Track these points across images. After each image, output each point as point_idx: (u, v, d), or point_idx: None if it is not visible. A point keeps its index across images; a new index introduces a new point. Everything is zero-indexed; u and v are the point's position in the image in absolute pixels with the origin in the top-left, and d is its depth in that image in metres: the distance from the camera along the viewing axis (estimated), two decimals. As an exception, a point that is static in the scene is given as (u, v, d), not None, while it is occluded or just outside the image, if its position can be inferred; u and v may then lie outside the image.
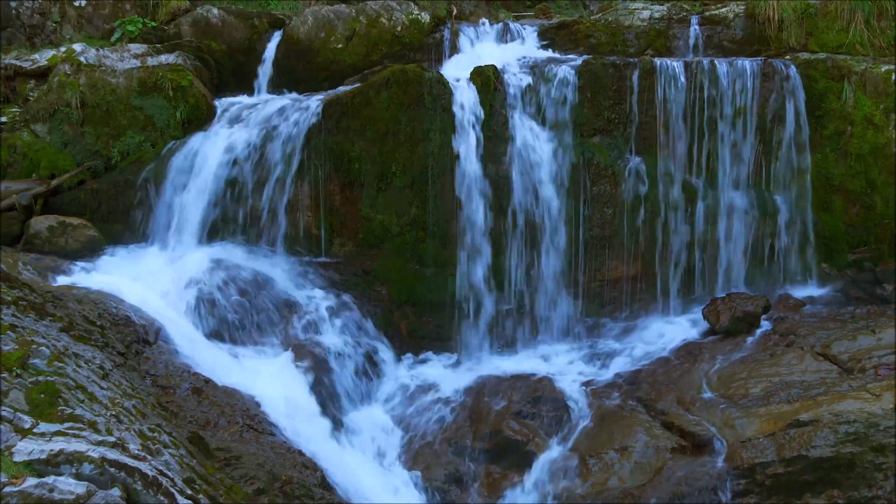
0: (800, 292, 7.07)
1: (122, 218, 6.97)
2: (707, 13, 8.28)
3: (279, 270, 6.73)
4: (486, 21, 8.72)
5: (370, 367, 6.46)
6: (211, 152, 6.88)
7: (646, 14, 8.31)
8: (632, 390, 6.17)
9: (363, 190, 6.96)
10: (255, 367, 5.83)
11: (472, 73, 7.14)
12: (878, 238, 7.22)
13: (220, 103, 7.65)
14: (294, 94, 7.70)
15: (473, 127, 6.93)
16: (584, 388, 6.23)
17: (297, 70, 8.26)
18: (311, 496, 4.63)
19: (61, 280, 5.98)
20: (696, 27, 8.15)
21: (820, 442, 5.22)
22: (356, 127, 6.92)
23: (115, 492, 3.16)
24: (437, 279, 6.92)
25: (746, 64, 7.20)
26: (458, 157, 6.88)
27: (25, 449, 3.16)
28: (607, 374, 6.46)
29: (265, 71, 8.32)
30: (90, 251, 6.64)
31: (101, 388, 4.00)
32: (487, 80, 7.08)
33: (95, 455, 3.23)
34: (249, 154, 6.86)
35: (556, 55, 8.02)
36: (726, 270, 7.20)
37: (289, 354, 6.05)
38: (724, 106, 7.13)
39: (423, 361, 6.76)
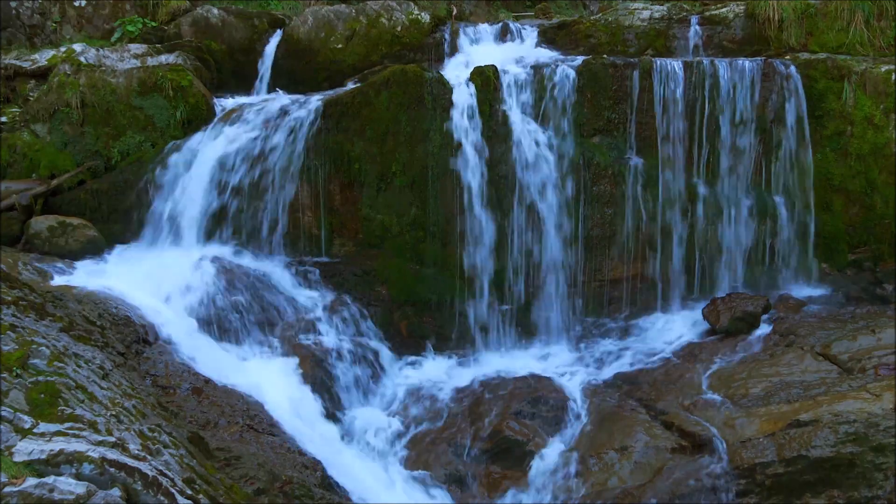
0: (800, 292, 7.07)
1: (123, 218, 6.97)
2: (707, 13, 8.27)
3: (279, 270, 6.74)
4: (486, 21, 8.72)
5: (370, 367, 6.46)
6: (211, 152, 6.88)
7: (646, 14, 8.31)
8: (632, 390, 6.17)
9: (363, 190, 6.96)
10: (255, 367, 5.83)
11: (472, 73, 7.14)
12: (878, 238, 7.22)
13: (220, 103, 7.64)
14: (294, 94, 7.70)
15: (473, 127, 6.93)
16: (584, 388, 6.23)
17: (297, 70, 8.26)
18: (311, 496, 4.63)
19: (61, 280, 5.97)
20: (696, 27, 8.15)
21: (820, 442, 5.22)
22: (356, 127, 6.92)
23: (115, 492, 3.16)
24: (437, 279, 6.92)
25: (746, 64, 7.20)
26: (458, 156, 6.88)
27: (25, 449, 3.16)
28: (607, 374, 6.46)
29: (265, 71, 8.31)
30: (90, 251, 6.64)
31: (101, 388, 4.00)
32: (487, 80, 7.08)
33: (95, 455, 3.23)
34: (249, 154, 6.85)
35: (556, 55, 8.01)
36: (726, 270, 7.20)
37: (289, 354, 6.05)
38: (723, 106, 7.13)
39: (423, 361, 6.75)
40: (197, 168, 6.86)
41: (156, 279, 6.20)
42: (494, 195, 6.93)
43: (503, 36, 8.44)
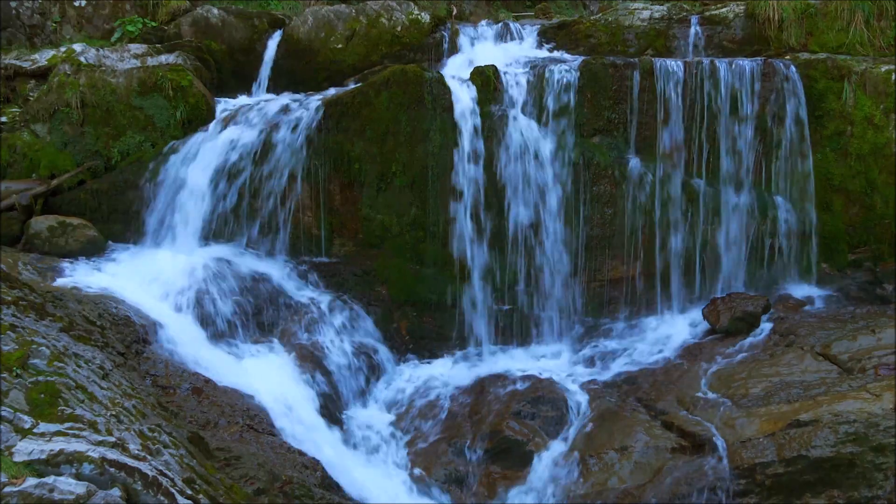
0: (800, 292, 7.07)
1: (123, 218, 6.97)
2: (707, 13, 8.27)
3: (279, 270, 6.74)
4: (486, 21, 8.72)
5: (370, 368, 6.46)
6: (211, 152, 6.88)
7: (646, 14, 8.31)
8: (632, 390, 6.17)
9: (363, 190, 6.96)
10: (255, 367, 5.83)
11: (472, 73, 7.14)
12: (878, 238, 7.21)
13: (220, 103, 7.65)
14: (294, 94, 7.70)
15: (473, 127, 6.93)
16: (584, 388, 6.23)
17: (297, 70, 8.26)
18: (311, 496, 4.63)
19: (61, 280, 5.98)
20: (696, 27, 8.15)
21: (820, 442, 5.22)
22: (356, 127, 6.92)
23: (115, 492, 3.16)
24: (437, 279, 6.92)
25: (746, 64, 7.20)
26: (457, 157, 6.88)
27: (25, 449, 3.16)
28: (607, 374, 6.46)
29: (265, 71, 8.31)
30: (90, 251, 6.64)
31: (101, 388, 4.00)
32: (487, 80, 7.08)
33: (95, 455, 3.23)
34: (249, 154, 6.85)
35: (556, 55, 8.01)
36: (726, 270, 7.19)
37: (289, 354, 6.05)
38: (723, 106, 7.13)
39: (423, 361, 6.75)
40: (197, 168, 6.86)
41: (156, 279, 6.21)
42: (494, 195, 6.92)
43: (503, 36, 8.44)
